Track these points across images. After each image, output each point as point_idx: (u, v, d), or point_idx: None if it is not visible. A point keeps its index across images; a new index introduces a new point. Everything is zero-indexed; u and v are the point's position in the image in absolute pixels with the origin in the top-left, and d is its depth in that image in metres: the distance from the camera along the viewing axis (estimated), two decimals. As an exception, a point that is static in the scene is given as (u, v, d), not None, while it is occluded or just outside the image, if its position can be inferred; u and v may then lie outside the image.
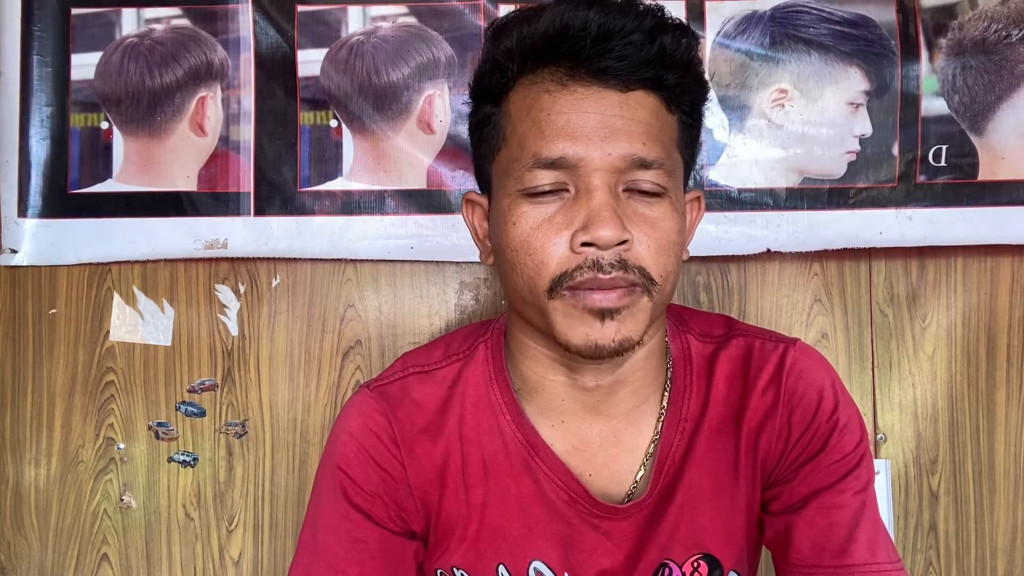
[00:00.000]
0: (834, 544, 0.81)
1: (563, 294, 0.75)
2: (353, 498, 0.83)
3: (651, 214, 0.75)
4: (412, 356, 0.92)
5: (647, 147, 0.74)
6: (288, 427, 1.34)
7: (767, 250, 1.30)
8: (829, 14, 1.29)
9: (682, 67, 0.78)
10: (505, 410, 0.85)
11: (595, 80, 0.74)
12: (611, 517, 0.84)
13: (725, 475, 0.85)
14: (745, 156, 1.30)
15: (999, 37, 1.29)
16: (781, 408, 0.85)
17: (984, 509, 1.33)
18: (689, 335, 0.90)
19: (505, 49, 0.78)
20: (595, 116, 0.74)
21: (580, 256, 0.73)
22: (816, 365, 0.87)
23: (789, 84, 1.30)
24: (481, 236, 0.86)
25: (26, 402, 1.35)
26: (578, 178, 0.74)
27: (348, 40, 1.30)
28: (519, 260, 0.76)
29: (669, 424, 0.86)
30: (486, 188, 0.84)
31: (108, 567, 1.35)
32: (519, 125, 0.77)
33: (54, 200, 1.32)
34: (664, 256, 0.75)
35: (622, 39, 0.73)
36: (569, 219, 0.74)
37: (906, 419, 1.34)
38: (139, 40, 1.31)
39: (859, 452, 0.85)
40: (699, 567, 0.85)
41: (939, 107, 1.29)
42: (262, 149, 1.31)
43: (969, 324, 1.33)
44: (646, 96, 0.76)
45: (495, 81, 0.79)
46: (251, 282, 1.34)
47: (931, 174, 1.29)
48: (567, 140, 0.74)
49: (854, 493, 0.83)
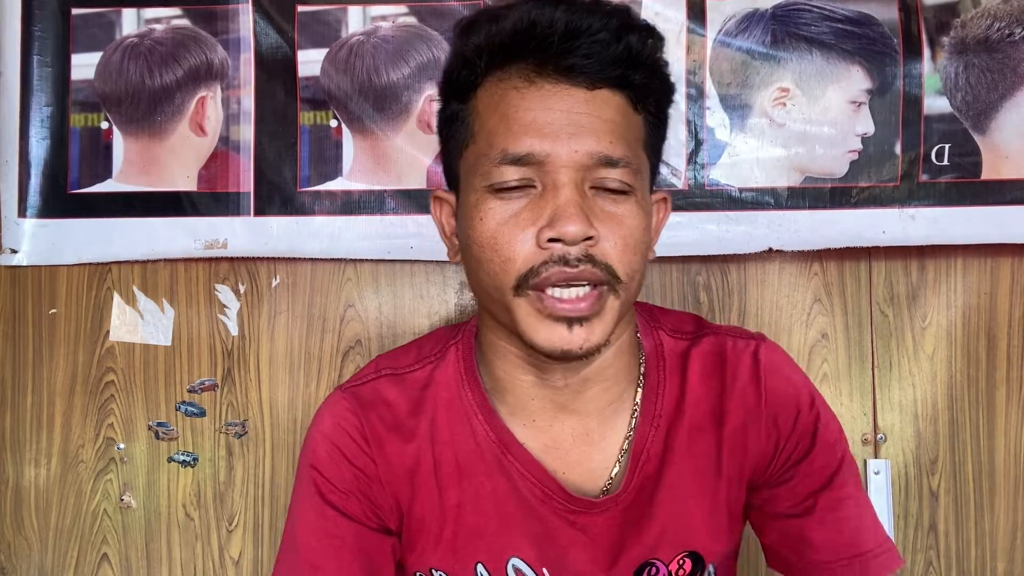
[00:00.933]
0: (847, 537, 0.86)
1: (529, 294, 0.75)
2: (328, 496, 0.84)
3: (617, 212, 0.76)
4: (385, 359, 0.92)
5: (613, 145, 0.75)
6: (288, 427, 1.34)
7: (769, 249, 1.29)
8: (831, 12, 1.29)
9: (648, 67, 0.78)
10: (477, 410, 0.86)
11: (562, 77, 0.75)
12: (586, 511, 0.84)
13: (708, 473, 0.86)
14: (746, 155, 1.30)
15: (1002, 35, 1.28)
16: (765, 408, 0.86)
17: (984, 509, 1.33)
18: (661, 331, 0.91)
19: (473, 46, 0.78)
20: (562, 113, 0.74)
21: (546, 252, 0.74)
22: (788, 362, 0.90)
23: (791, 83, 1.29)
24: (448, 233, 0.87)
25: (26, 402, 1.35)
26: (545, 174, 0.75)
27: (348, 40, 1.30)
28: (485, 256, 0.76)
29: (644, 420, 0.86)
30: (454, 185, 0.85)
31: (108, 567, 1.35)
32: (487, 121, 0.77)
33: (54, 200, 1.32)
34: (630, 254, 0.76)
35: (589, 37, 0.74)
36: (535, 215, 0.74)
37: (906, 419, 1.34)
38: (139, 40, 1.31)
39: (842, 440, 0.89)
40: (684, 564, 0.86)
41: (942, 106, 1.29)
42: (262, 149, 1.31)
43: (969, 324, 1.33)
44: (612, 95, 0.77)
45: (463, 78, 0.80)
46: (251, 282, 1.34)
47: (934, 173, 1.29)
48: (534, 136, 0.74)
49: (854, 484, 0.88)
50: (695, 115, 1.30)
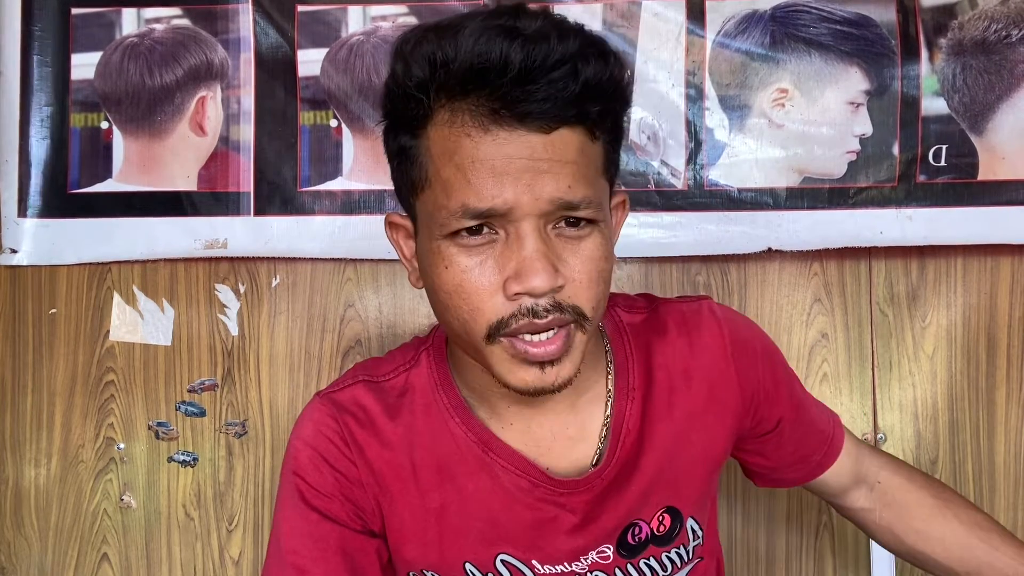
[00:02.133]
0: (811, 437, 0.96)
1: (501, 341, 0.75)
2: (311, 500, 0.84)
3: (580, 248, 0.75)
4: (361, 367, 0.92)
5: (573, 189, 0.73)
6: (288, 427, 1.34)
7: (768, 249, 1.30)
8: (829, 14, 1.29)
9: (606, 96, 0.75)
10: (453, 413, 0.86)
11: (518, 123, 0.71)
12: (573, 491, 0.85)
13: (688, 430, 0.88)
14: (745, 156, 1.30)
15: (999, 37, 1.29)
16: (732, 358, 0.90)
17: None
18: (617, 309, 0.92)
19: (418, 81, 0.74)
20: (521, 161, 0.72)
21: (514, 304, 0.73)
22: (732, 311, 0.95)
23: (789, 84, 1.30)
24: (408, 256, 0.84)
25: (26, 402, 1.35)
26: (507, 223, 0.73)
27: (348, 40, 1.30)
28: (452, 303, 0.75)
29: (618, 397, 0.87)
30: (410, 214, 0.82)
31: (108, 567, 1.35)
32: (442, 169, 0.74)
33: (54, 200, 1.32)
34: (596, 287, 0.75)
35: (544, 77, 0.70)
36: (501, 265, 0.73)
37: (906, 419, 1.34)
38: (139, 40, 1.31)
39: (788, 366, 0.96)
40: (664, 520, 0.88)
41: (939, 107, 1.29)
42: (262, 149, 1.31)
43: (969, 324, 1.33)
44: (571, 133, 0.74)
45: (411, 111, 0.76)
46: (251, 282, 1.34)
47: (931, 174, 1.29)
48: (495, 189, 0.72)
49: (801, 390, 0.97)
50: (694, 116, 1.31)
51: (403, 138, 0.78)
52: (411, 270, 0.85)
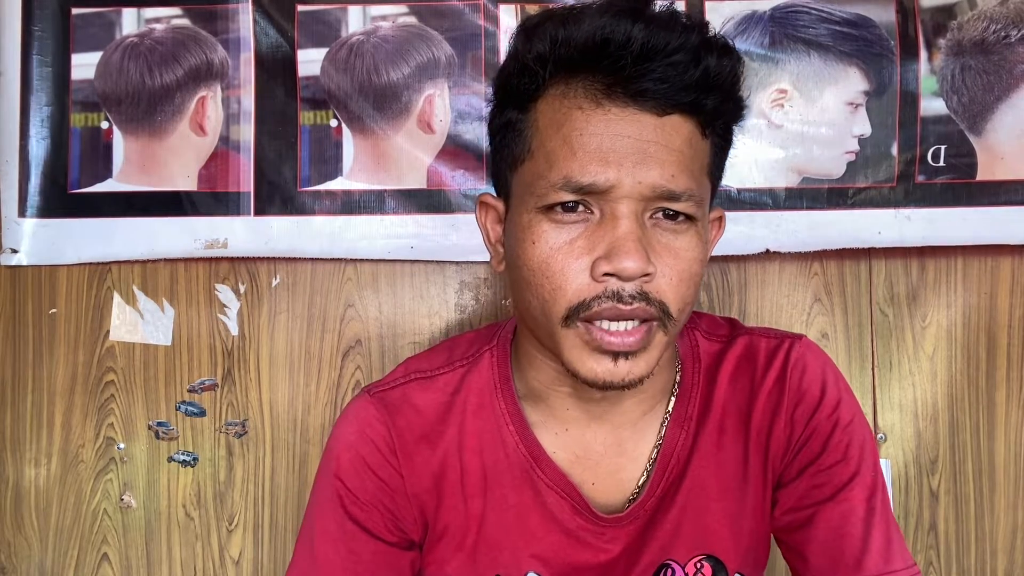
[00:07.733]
0: (849, 557, 0.80)
1: (577, 325, 0.72)
2: (349, 508, 0.82)
3: (676, 244, 0.73)
4: (415, 361, 0.90)
5: (676, 179, 0.71)
6: (288, 427, 1.34)
7: (766, 250, 1.30)
8: (828, 14, 1.29)
9: (723, 91, 0.74)
10: (509, 419, 0.84)
11: (631, 101, 0.70)
12: (614, 526, 0.83)
13: (733, 476, 0.84)
14: (744, 156, 1.30)
15: (998, 37, 1.29)
16: (786, 404, 0.83)
17: (984, 509, 1.33)
18: (697, 332, 0.89)
19: (537, 54, 0.73)
20: (629, 140, 0.70)
21: (600, 286, 0.71)
22: (819, 360, 0.86)
23: (788, 84, 1.30)
24: (493, 240, 0.83)
25: (26, 402, 1.35)
26: (605, 203, 0.71)
27: (348, 40, 1.30)
28: (536, 281, 0.73)
29: (673, 424, 0.84)
30: (503, 193, 0.81)
31: (108, 567, 1.34)
32: (548, 141, 0.73)
33: (54, 200, 1.32)
34: (685, 287, 0.73)
35: (664, 59, 0.69)
36: (592, 244, 0.71)
37: (906, 419, 1.34)
38: (139, 40, 1.31)
39: (864, 452, 0.83)
40: (702, 568, 0.84)
41: (938, 107, 1.30)
42: (262, 149, 1.31)
43: (969, 324, 1.34)
44: (682, 121, 0.72)
45: (523, 86, 0.75)
46: (251, 282, 1.34)
47: (930, 174, 1.30)
48: (599, 164, 0.70)
49: (862, 499, 0.81)
50: (694, 116, 1.31)
51: (510, 113, 0.77)
52: (493, 254, 0.83)
